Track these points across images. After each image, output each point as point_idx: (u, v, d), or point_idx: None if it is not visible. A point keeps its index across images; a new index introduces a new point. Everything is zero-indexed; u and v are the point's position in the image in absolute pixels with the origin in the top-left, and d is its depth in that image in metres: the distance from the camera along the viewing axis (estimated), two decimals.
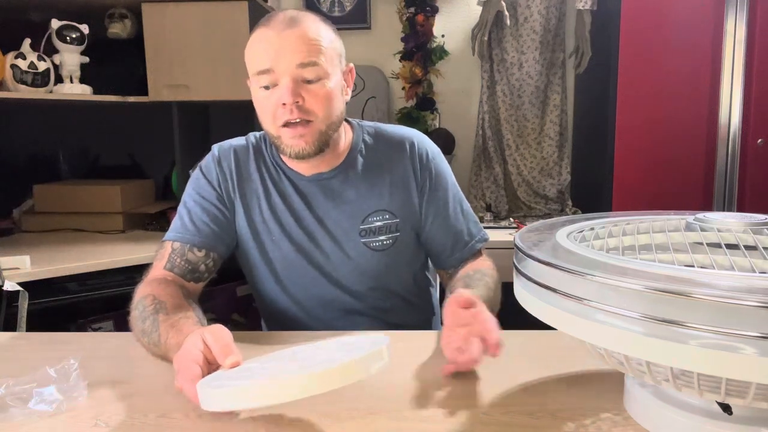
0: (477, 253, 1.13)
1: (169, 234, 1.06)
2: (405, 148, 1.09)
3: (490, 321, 0.80)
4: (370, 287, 1.08)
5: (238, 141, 1.12)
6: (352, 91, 1.07)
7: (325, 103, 0.96)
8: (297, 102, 0.94)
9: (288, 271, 1.08)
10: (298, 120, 0.95)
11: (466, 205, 1.14)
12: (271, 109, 0.96)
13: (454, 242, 1.11)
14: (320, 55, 0.95)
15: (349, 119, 1.12)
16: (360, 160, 1.08)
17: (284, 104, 0.94)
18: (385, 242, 1.07)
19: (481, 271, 1.04)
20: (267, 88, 0.96)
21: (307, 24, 0.96)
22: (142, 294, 0.93)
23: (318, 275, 1.07)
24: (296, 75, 0.94)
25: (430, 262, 1.19)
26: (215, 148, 1.12)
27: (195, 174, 1.11)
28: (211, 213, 1.06)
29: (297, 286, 1.09)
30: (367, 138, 1.11)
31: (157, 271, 1.02)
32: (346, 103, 1.04)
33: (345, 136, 1.08)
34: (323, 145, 0.99)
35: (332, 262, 1.07)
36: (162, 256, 1.03)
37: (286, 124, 0.95)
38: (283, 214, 1.07)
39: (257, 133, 1.14)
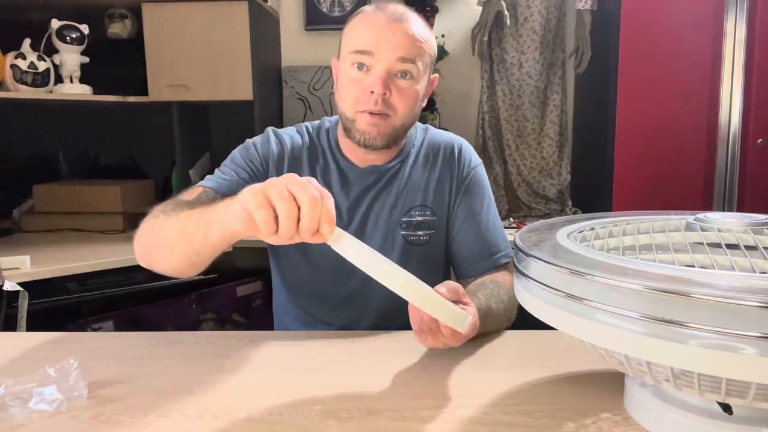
0: (500, 267, 1.13)
1: (203, 181, 1.04)
2: (453, 152, 1.13)
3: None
4: None
5: (293, 134, 1.13)
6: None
7: (409, 102, 1.00)
8: (385, 94, 0.97)
9: (321, 263, 1.09)
10: (379, 112, 0.97)
11: (499, 221, 1.17)
12: (355, 92, 0.98)
13: (480, 250, 1.11)
14: (419, 57, 0.99)
15: None
16: (412, 156, 1.12)
17: (372, 92, 0.96)
18: (422, 237, 1.10)
19: (498, 282, 1.03)
20: (360, 68, 0.98)
21: (415, 23, 0.99)
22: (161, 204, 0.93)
23: (352, 268, 1.07)
24: (392, 67, 0.97)
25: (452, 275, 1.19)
26: (270, 131, 1.12)
27: (246, 145, 1.10)
28: (253, 177, 1.05)
29: (328, 280, 1.10)
30: (420, 137, 1.14)
31: (183, 196, 0.99)
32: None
33: None
34: (392, 141, 1.03)
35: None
36: (190, 193, 1.01)
37: (365, 111, 0.98)
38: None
39: (309, 126, 1.15)
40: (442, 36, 2.51)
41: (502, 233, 1.15)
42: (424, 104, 1.08)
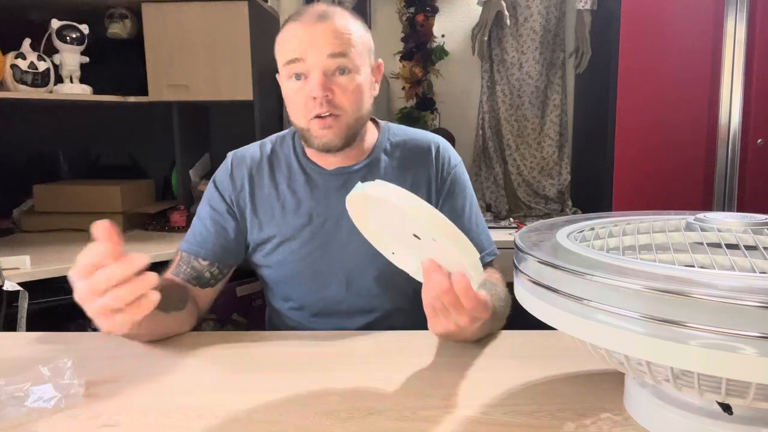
0: (486, 266, 1.12)
1: (182, 242, 1.11)
2: (430, 151, 1.11)
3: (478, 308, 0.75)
4: (380, 285, 1.08)
5: (253, 150, 1.13)
6: None
7: (354, 97, 0.98)
8: (327, 96, 0.96)
9: (300, 274, 1.09)
10: (327, 114, 0.97)
11: (482, 219, 1.15)
12: (301, 102, 0.98)
13: None
14: (350, 48, 0.97)
15: (377, 119, 1.15)
16: (384, 158, 1.10)
17: (314, 98, 0.96)
18: None
19: (492, 283, 1.03)
20: (297, 78, 0.98)
21: (337, 18, 0.98)
22: None
23: (330, 273, 1.08)
24: (327, 66, 0.96)
25: None
26: (230, 156, 1.14)
27: (209, 184, 1.13)
28: (219, 225, 1.09)
29: (306, 288, 1.09)
30: (392, 138, 1.13)
31: (167, 275, 1.08)
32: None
33: (371, 134, 1.10)
34: (350, 138, 1.01)
35: (347, 257, 1.07)
36: (174, 263, 1.09)
37: (315, 117, 0.97)
38: (299, 217, 1.08)
39: (274, 136, 1.15)
40: (442, 36, 2.51)
41: (485, 232, 1.14)
42: (376, 92, 1.06)
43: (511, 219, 2.39)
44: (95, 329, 1.90)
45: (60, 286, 1.69)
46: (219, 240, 1.08)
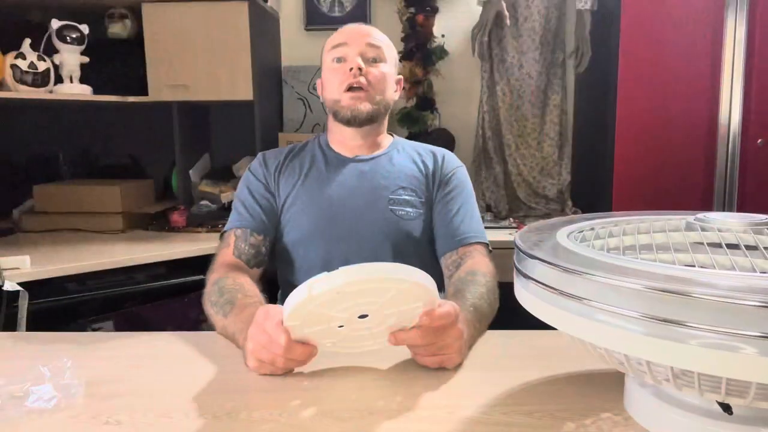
0: (474, 251, 1.15)
1: (228, 225, 1.20)
2: (436, 156, 1.27)
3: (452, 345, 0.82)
4: (390, 254, 1.17)
5: (279, 148, 1.29)
6: None
7: (382, 80, 1.19)
8: (361, 70, 1.16)
9: (313, 235, 1.17)
10: (359, 86, 1.16)
11: (477, 214, 1.25)
12: (339, 77, 1.18)
13: (454, 229, 1.19)
14: (384, 47, 1.21)
15: (392, 134, 1.32)
16: (395, 155, 1.26)
17: (351, 69, 1.16)
18: (410, 213, 1.20)
19: (476, 273, 1.05)
20: (338, 61, 1.18)
21: (377, 31, 1.23)
22: (220, 275, 1.06)
23: (341, 241, 1.17)
24: (364, 51, 1.18)
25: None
26: (260, 154, 1.28)
27: (245, 175, 1.26)
28: (261, 202, 1.20)
29: (320, 249, 1.17)
30: (402, 144, 1.30)
31: (226, 258, 1.13)
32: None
33: (387, 139, 1.29)
34: (374, 114, 1.19)
35: (359, 224, 1.17)
36: (227, 244, 1.16)
37: (349, 89, 1.16)
38: (319, 185, 1.20)
39: (298, 143, 1.30)
40: (442, 36, 2.51)
41: (478, 222, 1.23)
42: (396, 96, 1.25)
43: (511, 219, 2.39)
44: (95, 329, 1.89)
45: (60, 286, 1.69)
46: (265, 215, 1.19)
